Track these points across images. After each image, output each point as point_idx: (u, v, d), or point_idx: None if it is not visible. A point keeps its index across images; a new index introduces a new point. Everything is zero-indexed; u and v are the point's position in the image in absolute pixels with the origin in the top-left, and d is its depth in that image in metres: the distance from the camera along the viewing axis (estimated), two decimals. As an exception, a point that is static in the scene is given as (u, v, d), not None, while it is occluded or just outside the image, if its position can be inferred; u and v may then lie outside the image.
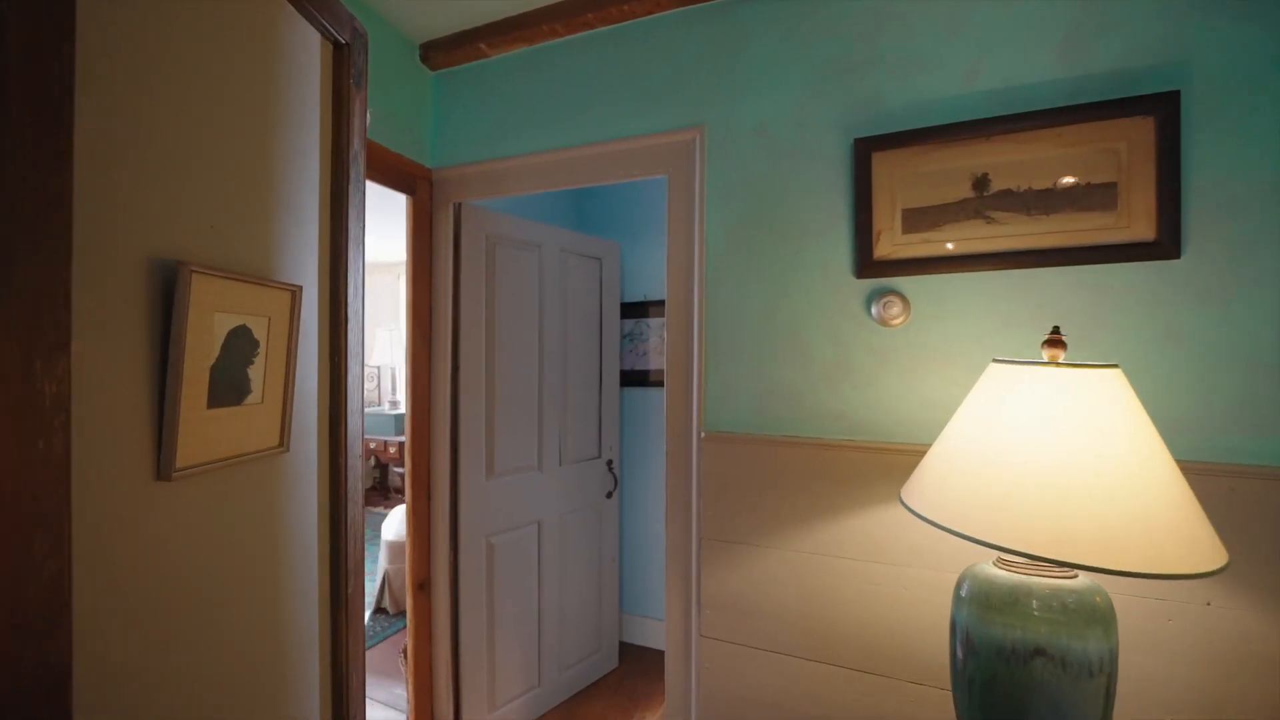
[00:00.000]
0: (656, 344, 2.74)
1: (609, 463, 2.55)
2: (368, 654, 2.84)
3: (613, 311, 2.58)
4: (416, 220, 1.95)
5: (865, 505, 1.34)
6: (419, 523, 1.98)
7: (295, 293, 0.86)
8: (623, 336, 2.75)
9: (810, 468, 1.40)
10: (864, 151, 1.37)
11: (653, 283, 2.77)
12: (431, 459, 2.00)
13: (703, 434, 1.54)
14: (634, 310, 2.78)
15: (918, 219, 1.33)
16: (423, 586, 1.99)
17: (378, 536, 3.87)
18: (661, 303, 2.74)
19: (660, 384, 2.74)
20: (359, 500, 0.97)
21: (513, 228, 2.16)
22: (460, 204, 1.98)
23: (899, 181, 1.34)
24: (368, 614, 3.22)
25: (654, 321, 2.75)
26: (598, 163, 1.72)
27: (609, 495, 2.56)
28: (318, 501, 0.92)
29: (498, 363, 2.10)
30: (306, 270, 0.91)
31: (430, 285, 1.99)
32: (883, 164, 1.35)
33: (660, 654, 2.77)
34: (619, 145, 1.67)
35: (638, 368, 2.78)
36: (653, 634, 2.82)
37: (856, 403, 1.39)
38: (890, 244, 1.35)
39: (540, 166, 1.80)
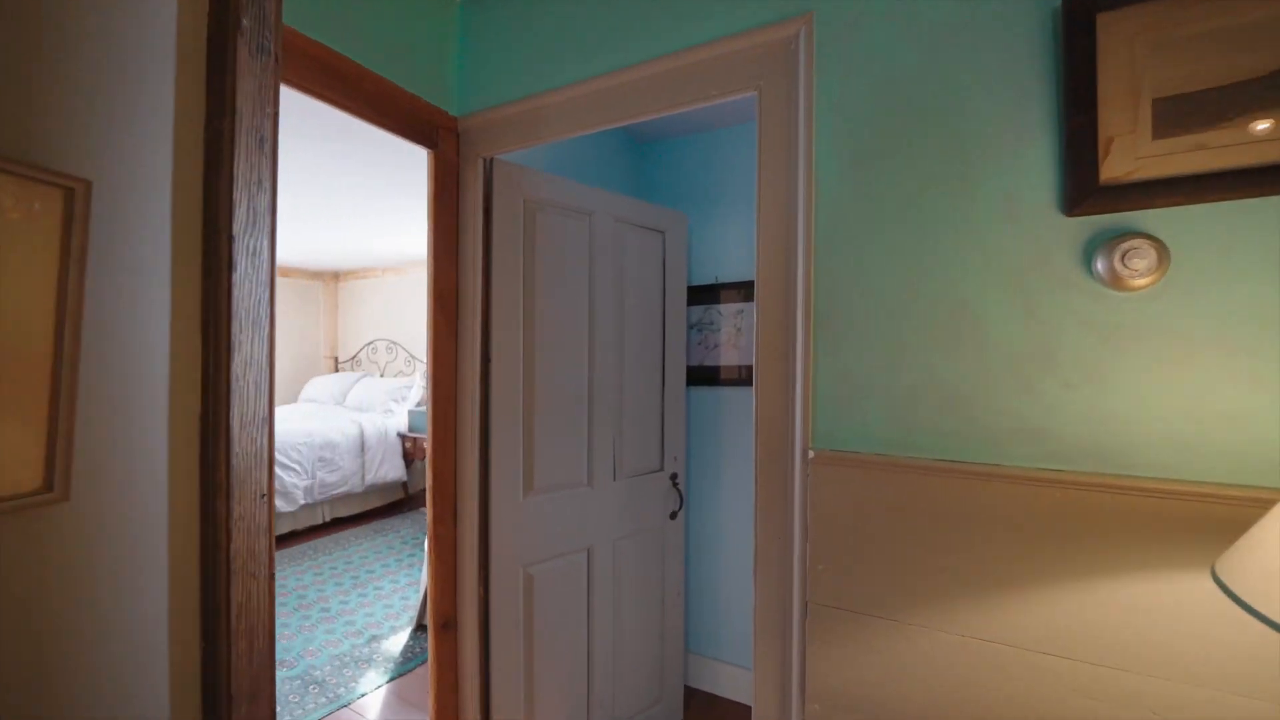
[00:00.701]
0: (730, 335, 2.29)
1: (673, 477, 2.12)
2: (401, 681, 2.55)
3: (678, 295, 2.15)
4: (439, 180, 1.59)
5: (1096, 574, 0.84)
6: (442, 550, 1.62)
7: (76, 191, 0.48)
8: (689, 326, 2.31)
9: (987, 509, 0.92)
10: (1082, 10, 0.86)
11: (726, 262, 2.31)
12: (458, 472, 1.64)
13: (811, 453, 1.07)
14: (703, 295, 2.33)
15: (1183, 112, 0.81)
16: (447, 626, 1.64)
17: (422, 546, 3.60)
18: (737, 285, 2.28)
19: (735, 383, 2.28)
20: (264, 588, 0.60)
21: (557, 190, 1.77)
22: (491, 160, 1.61)
23: (1147, 53, 0.83)
24: (406, 632, 2.95)
25: (727, 308, 2.29)
26: (663, 84, 1.29)
27: (673, 516, 2.13)
28: (169, 605, 0.53)
29: (538, 356, 1.72)
30: (137, 165, 0.54)
31: (456, 261, 1.63)
32: (1116, 27, 0.84)
33: (736, 706, 2.31)
34: (691, 56, 1.23)
35: (707, 363, 2.33)
36: (726, 681, 2.36)
37: (1068, 411, 0.88)
38: (1131, 157, 0.84)
39: (590, 98, 1.40)
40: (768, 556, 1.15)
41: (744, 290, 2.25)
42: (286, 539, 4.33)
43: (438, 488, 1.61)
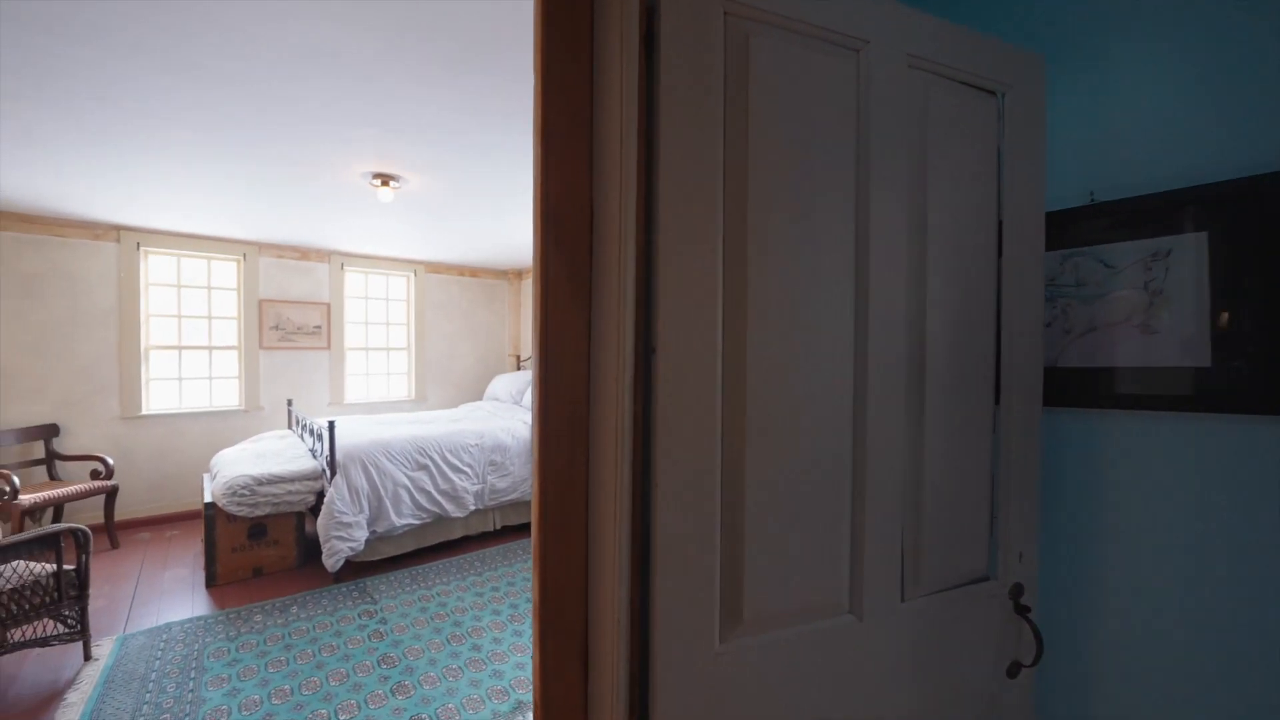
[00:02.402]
0: (1130, 306, 1.12)
1: (1016, 593, 1.05)
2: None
3: (1025, 228, 1.06)
4: (556, -16, 0.78)
5: None
6: (558, 734, 0.81)
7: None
8: (1048, 286, 1.18)
9: None
10: None
11: (1111, 163, 1.15)
12: (590, 582, 0.81)
13: None
14: (1065, 228, 1.20)
15: None
16: None
17: None
18: (1144, 206, 1.10)
19: (1150, 405, 1.11)
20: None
21: None
22: (659, -78, 0.75)
23: None
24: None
25: (1122, 251, 1.13)
26: None
27: (1013, 673, 1.06)
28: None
29: (753, 349, 0.82)
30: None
31: (587, 147, 0.80)
32: None
33: None
34: None
35: (1076, 364, 1.19)
36: None
37: None
38: None
39: None
40: None
41: (1163, 213, 1.07)
42: (458, 545, 4.09)
43: (548, 604, 0.80)
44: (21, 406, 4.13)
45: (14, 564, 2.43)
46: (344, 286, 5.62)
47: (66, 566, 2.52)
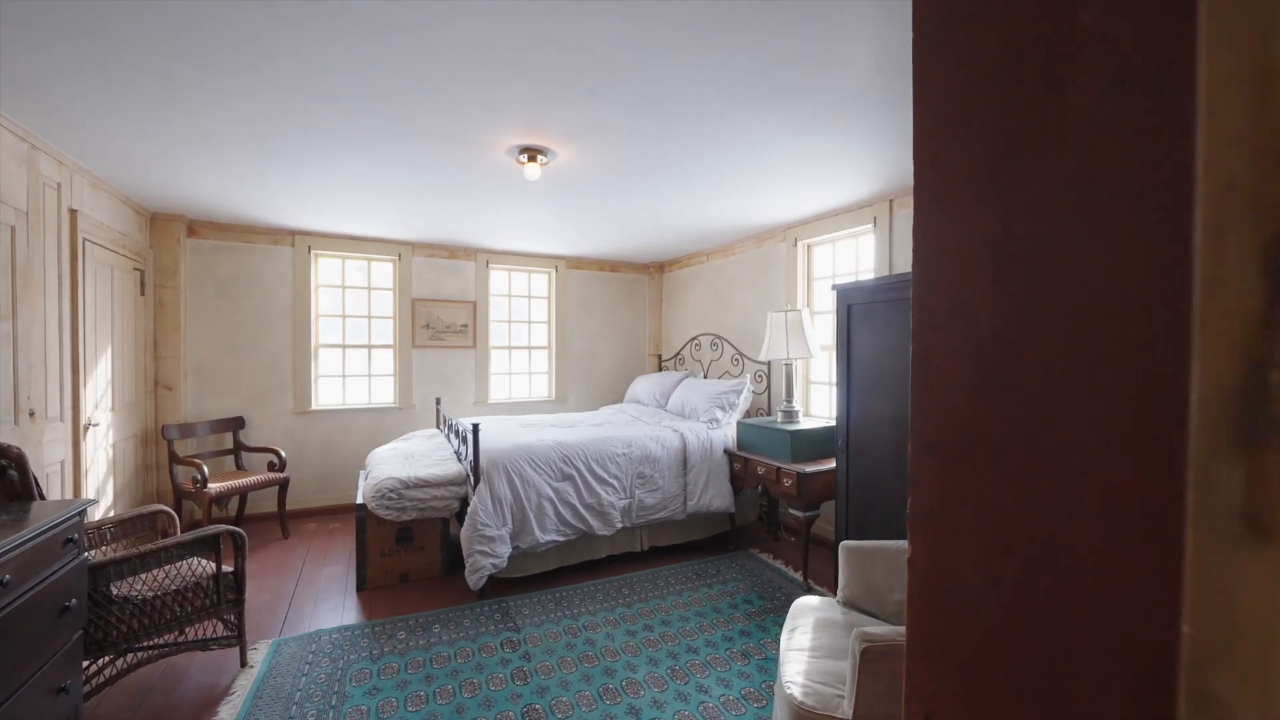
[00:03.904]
0: None
1: None
2: None
3: None
4: None
5: None
6: None
7: None
8: None
9: None
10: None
11: None
12: None
13: None
14: None
15: None
16: None
17: (764, 627, 2.35)
18: None
19: None
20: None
21: None
22: None
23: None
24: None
25: None
26: None
27: None
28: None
29: None
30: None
31: None
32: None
33: None
34: None
35: None
36: None
37: None
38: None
39: None
40: None
41: None
42: (603, 565, 3.67)
43: None
44: (216, 400, 4.47)
45: (178, 564, 2.38)
46: (489, 284, 5.55)
47: (225, 569, 2.44)
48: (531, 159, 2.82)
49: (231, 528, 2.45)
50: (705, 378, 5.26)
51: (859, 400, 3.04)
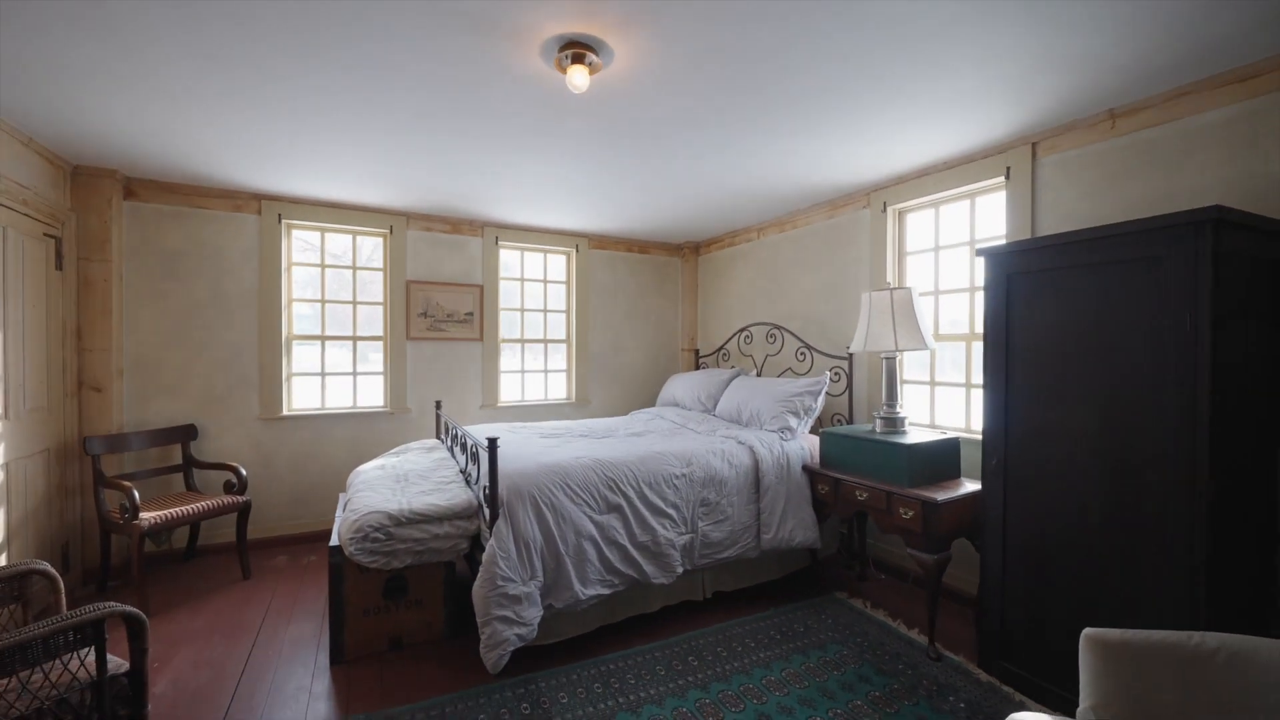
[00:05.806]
0: None
1: None
2: None
3: None
4: None
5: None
6: None
7: None
8: None
9: None
10: None
11: None
12: None
13: None
14: None
15: None
16: None
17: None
18: None
19: None
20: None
21: None
22: None
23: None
24: None
25: None
26: None
27: None
28: None
29: None
30: None
31: None
32: None
33: None
34: None
35: None
36: None
37: None
38: None
39: None
40: None
41: None
42: (656, 621, 2.80)
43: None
44: (160, 404, 3.58)
45: (40, 667, 1.50)
46: (498, 266, 4.68)
47: (117, 666, 1.57)
48: (578, 60, 1.96)
49: (124, 608, 1.57)
50: (759, 375, 4.41)
51: (1024, 406, 2.19)
